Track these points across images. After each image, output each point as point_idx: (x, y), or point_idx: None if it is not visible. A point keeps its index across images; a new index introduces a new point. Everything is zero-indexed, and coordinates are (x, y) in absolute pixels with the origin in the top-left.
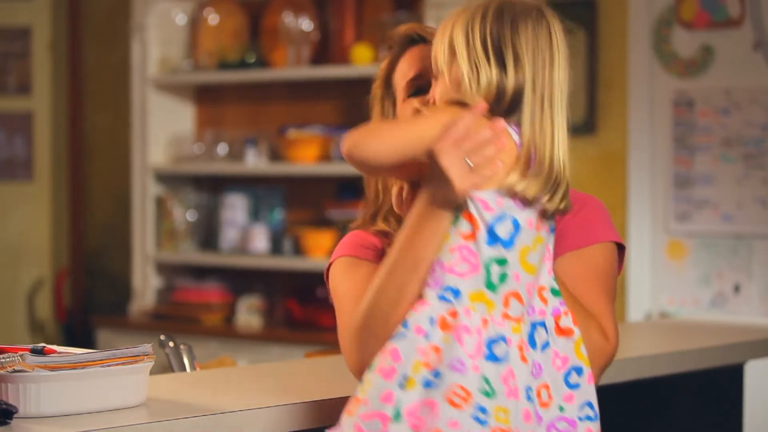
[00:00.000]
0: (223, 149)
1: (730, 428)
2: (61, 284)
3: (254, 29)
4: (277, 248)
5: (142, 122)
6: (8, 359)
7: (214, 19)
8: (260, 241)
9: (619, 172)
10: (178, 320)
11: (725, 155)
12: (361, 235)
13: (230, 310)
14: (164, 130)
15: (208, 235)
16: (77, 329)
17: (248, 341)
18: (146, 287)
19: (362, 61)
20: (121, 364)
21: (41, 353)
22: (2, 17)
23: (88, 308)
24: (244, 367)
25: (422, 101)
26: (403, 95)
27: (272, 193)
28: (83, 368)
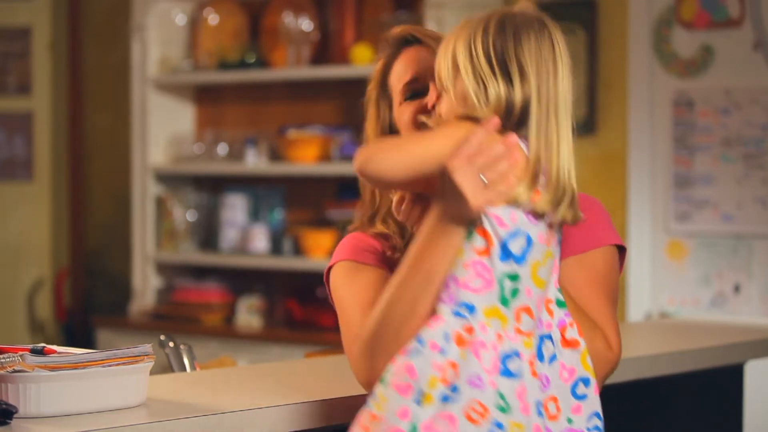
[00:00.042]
0: (223, 149)
1: (730, 428)
2: (61, 284)
3: (254, 29)
4: (277, 248)
5: (142, 122)
6: (8, 359)
7: (214, 19)
8: (260, 241)
9: (619, 172)
10: (178, 320)
11: (725, 155)
12: (360, 237)
13: (230, 310)
14: (164, 130)
15: (208, 235)
16: (77, 329)
17: (248, 341)
18: (146, 287)
19: (362, 61)
20: (121, 364)
21: (41, 353)
22: (2, 17)
23: (88, 308)
24: (244, 367)
25: (420, 106)
26: (399, 98)
27: (272, 193)
28: (83, 368)
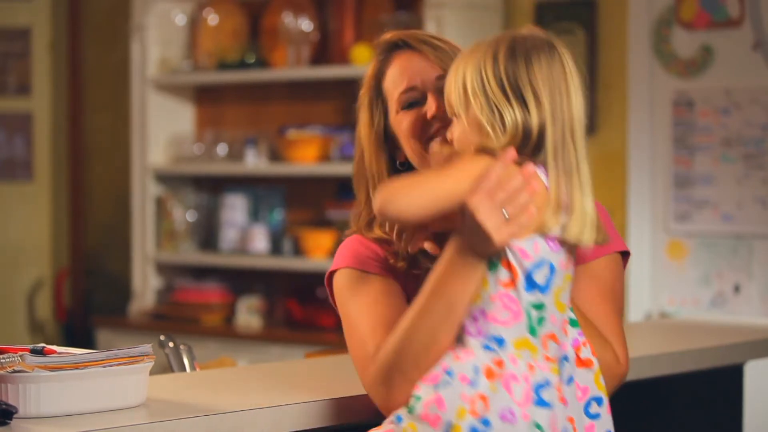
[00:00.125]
0: (222, 149)
1: (730, 428)
2: (60, 284)
3: (254, 29)
4: (276, 248)
5: (142, 122)
6: (8, 359)
7: (213, 19)
8: (260, 241)
9: (619, 172)
10: (177, 320)
11: (725, 155)
12: (361, 241)
13: (230, 310)
14: (164, 130)
15: (208, 235)
16: (77, 329)
17: (248, 341)
18: (146, 287)
19: (362, 61)
20: (121, 364)
21: (41, 353)
22: (2, 17)
23: (88, 308)
24: (244, 367)
25: (418, 116)
26: (396, 106)
27: (272, 193)
28: (83, 368)
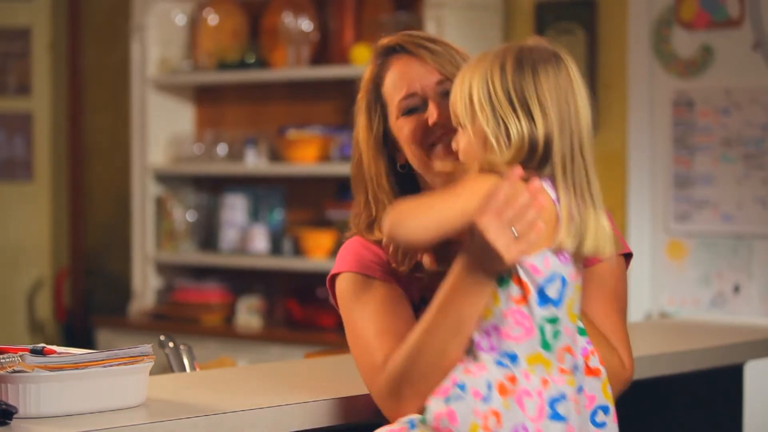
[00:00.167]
0: (222, 149)
1: (730, 428)
2: (60, 284)
3: (254, 29)
4: (276, 248)
5: (141, 122)
6: (8, 359)
7: (213, 19)
8: (260, 241)
9: (619, 172)
10: (177, 320)
11: (725, 155)
12: (363, 244)
13: (230, 310)
14: (164, 130)
15: (207, 235)
16: (77, 329)
17: (248, 341)
18: (146, 287)
19: (362, 61)
20: (121, 364)
21: (41, 353)
22: (2, 17)
23: (88, 308)
24: (244, 367)
25: (420, 122)
26: (396, 112)
27: (272, 193)
28: (83, 368)
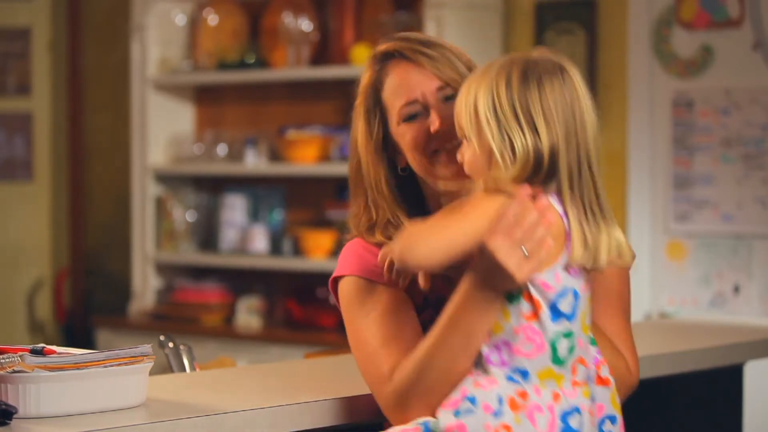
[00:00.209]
0: (222, 149)
1: (730, 428)
2: (60, 284)
3: (254, 29)
4: (276, 248)
5: (141, 122)
6: (8, 360)
7: (213, 19)
8: (260, 241)
9: (618, 172)
10: (177, 320)
11: (725, 155)
12: (366, 247)
13: (230, 310)
14: (164, 130)
15: (207, 235)
16: (77, 330)
17: (248, 342)
18: (146, 287)
19: (362, 61)
20: (121, 364)
21: (41, 354)
22: (2, 17)
23: (87, 308)
24: (244, 367)
25: (422, 129)
26: (397, 119)
27: (272, 193)
28: (83, 369)
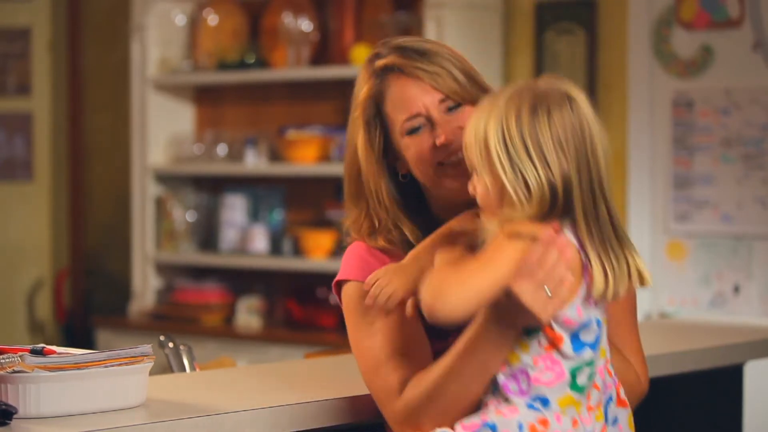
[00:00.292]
0: (222, 150)
1: (730, 428)
2: (60, 285)
3: (254, 30)
4: (276, 249)
5: (141, 123)
6: (8, 360)
7: (213, 19)
8: (260, 241)
9: (618, 172)
10: (177, 321)
11: (725, 155)
12: (368, 249)
13: (230, 310)
14: (164, 130)
15: (207, 235)
16: (77, 330)
17: (248, 342)
18: (146, 288)
19: (362, 61)
20: (120, 364)
21: (41, 354)
22: (2, 17)
23: (87, 308)
24: (244, 367)
25: (429, 144)
26: (400, 131)
27: (272, 193)
28: (83, 369)
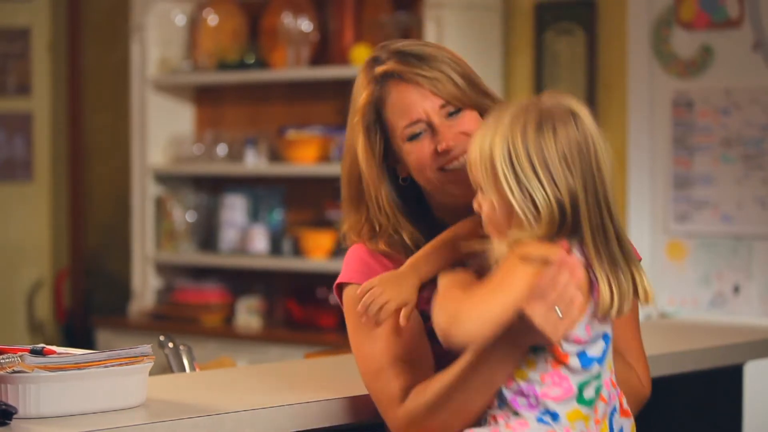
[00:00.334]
0: (222, 150)
1: (730, 428)
2: (60, 285)
3: (253, 30)
4: (276, 249)
5: (141, 123)
6: (8, 360)
7: (213, 19)
8: (260, 241)
9: (619, 172)
10: (177, 321)
11: (725, 155)
12: (370, 252)
13: (230, 310)
14: (164, 130)
15: (207, 235)
16: (77, 330)
17: (248, 342)
18: (146, 288)
19: (361, 61)
20: (120, 364)
21: (41, 354)
22: (2, 17)
23: (87, 309)
24: (244, 367)
25: (431, 149)
26: (401, 137)
27: (272, 193)
28: (83, 369)
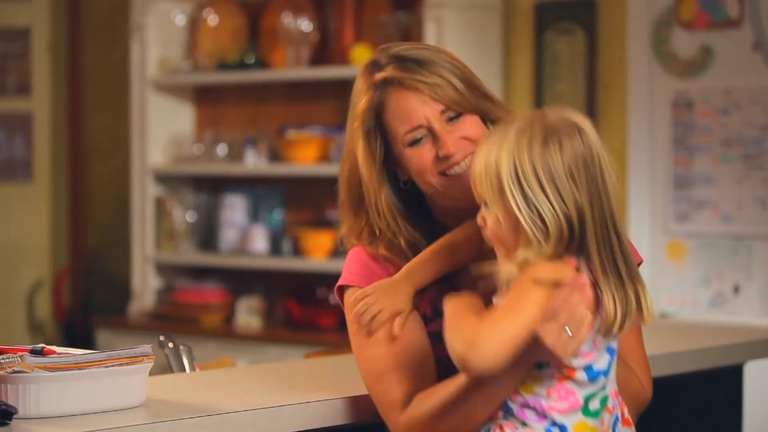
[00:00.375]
0: (222, 150)
1: (730, 428)
2: (60, 285)
3: (253, 30)
4: (276, 249)
5: (141, 123)
6: (8, 360)
7: (213, 19)
8: (260, 241)
9: (619, 172)
10: (177, 321)
11: (725, 155)
12: (371, 254)
13: (230, 310)
14: (164, 130)
15: (207, 235)
16: (77, 330)
17: (248, 342)
18: (146, 288)
19: (361, 61)
20: (120, 364)
21: (40, 354)
22: (2, 17)
23: (87, 309)
24: (244, 367)
25: (433, 155)
26: (402, 142)
27: (272, 193)
28: (83, 369)
